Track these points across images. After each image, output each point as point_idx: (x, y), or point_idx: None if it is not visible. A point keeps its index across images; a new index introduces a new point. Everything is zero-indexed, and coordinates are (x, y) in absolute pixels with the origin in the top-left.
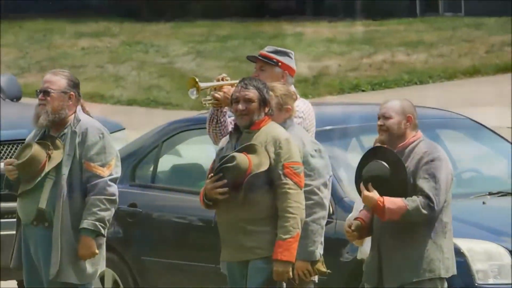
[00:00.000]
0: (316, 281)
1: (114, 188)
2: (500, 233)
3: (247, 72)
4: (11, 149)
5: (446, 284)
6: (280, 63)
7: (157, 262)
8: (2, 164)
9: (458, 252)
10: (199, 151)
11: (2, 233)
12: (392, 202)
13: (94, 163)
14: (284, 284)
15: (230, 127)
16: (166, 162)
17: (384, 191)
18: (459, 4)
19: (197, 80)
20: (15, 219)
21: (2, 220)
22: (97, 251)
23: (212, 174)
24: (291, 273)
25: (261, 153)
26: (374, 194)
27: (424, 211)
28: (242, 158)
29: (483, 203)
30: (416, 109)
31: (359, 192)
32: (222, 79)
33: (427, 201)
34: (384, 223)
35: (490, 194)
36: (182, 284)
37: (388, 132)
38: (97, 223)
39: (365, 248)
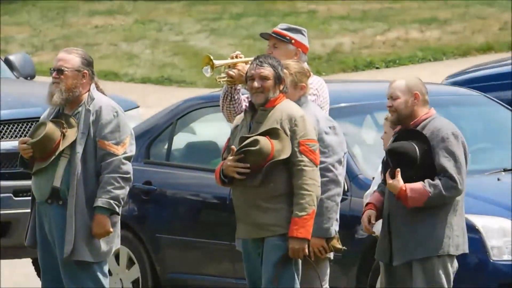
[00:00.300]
0: (332, 258)
1: (128, 166)
2: None
3: (261, 50)
4: (25, 127)
5: (456, 262)
6: (293, 41)
7: (171, 240)
8: (14, 142)
9: (473, 229)
10: (214, 129)
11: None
12: (414, 191)
13: (109, 141)
14: (300, 261)
15: (244, 105)
16: (180, 140)
17: (410, 169)
18: None
19: (211, 57)
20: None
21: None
22: (111, 229)
23: (233, 148)
24: (306, 250)
25: (284, 139)
26: (398, 182)
27: (447, 193)
28: (265, 143)
29: (498, 179)
30: (425, 85)
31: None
32: (236, 57)
33: (451, 182)
34: (394, 200)
35: (505, 170)
36: (197, 262)
37: (397, 113)
38: (111, 201)
39: (378, 225)
